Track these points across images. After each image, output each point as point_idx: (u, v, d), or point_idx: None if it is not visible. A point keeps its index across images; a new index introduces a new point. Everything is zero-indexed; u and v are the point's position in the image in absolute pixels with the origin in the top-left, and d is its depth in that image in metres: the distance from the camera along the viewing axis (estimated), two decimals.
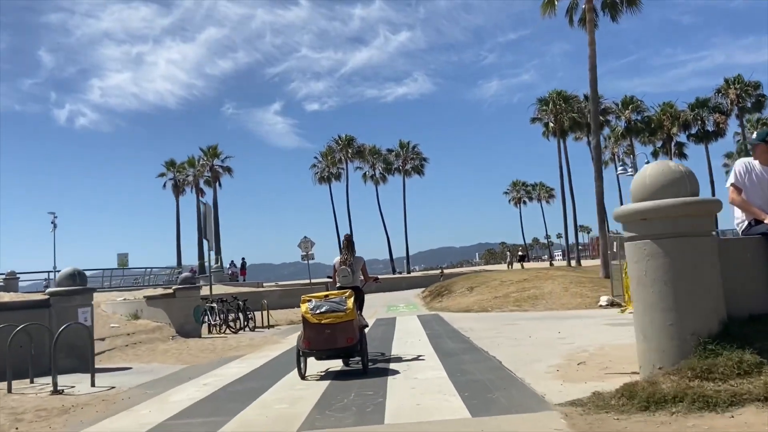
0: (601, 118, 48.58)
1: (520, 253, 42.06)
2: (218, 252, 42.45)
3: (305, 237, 27.46)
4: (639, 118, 49.69)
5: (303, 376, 7.35)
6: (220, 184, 45.61)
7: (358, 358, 7.71)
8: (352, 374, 7.67)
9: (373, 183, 66.89)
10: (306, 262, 27.47)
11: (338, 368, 8.20)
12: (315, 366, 8.07)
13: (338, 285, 8.47)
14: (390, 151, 67.89)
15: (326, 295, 7.48)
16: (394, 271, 63.47)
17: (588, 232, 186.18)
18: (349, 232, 9.54)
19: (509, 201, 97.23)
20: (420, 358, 8.73)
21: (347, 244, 8.72)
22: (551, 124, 44.61)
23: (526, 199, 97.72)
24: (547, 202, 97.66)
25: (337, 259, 8.75)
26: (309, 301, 7.38)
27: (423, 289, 37.23)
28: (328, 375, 7.73)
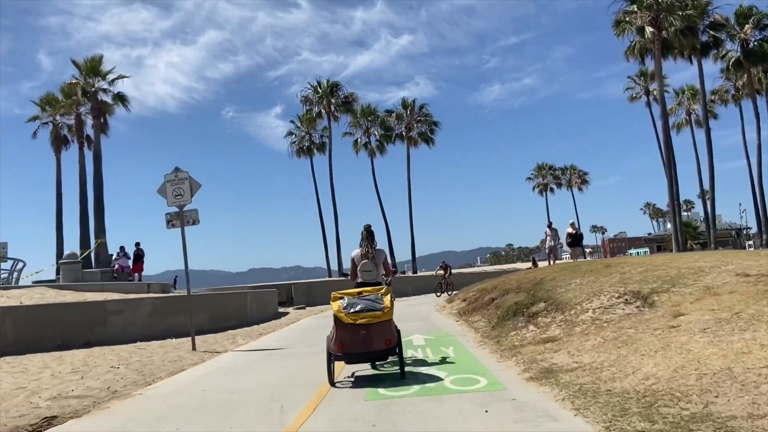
0: (711, 32, 32.25)
1: (570, 230, 22.17)
2: (99, 233, 25.62)
3: (177, 169, 11.00)
4: (761, 37, 33.02)
5: (333, 383, 6.31)
6: (106, 122, 27.60)
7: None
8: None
9: (367, 154, 50.12)
10: (178, 229, 10.97)
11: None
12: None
13: (359, 280, 7.35)
14: (389, 112, 51.20)
15: (359, 292, 6.51)
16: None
17: (603, 233, 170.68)
18: (368, 223, 7.69)
19: (533, 188, 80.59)
20: None
21: (367, 235, 7.51)
22: (648, 30, 27.84)
23: (554, 186, 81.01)
24: (580, 189, 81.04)
25: (356, 252, 7.57)
26: (341, 298, 6.45)
27: (447, 294, 20.78)
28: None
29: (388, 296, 6.48)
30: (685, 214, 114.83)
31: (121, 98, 27.37)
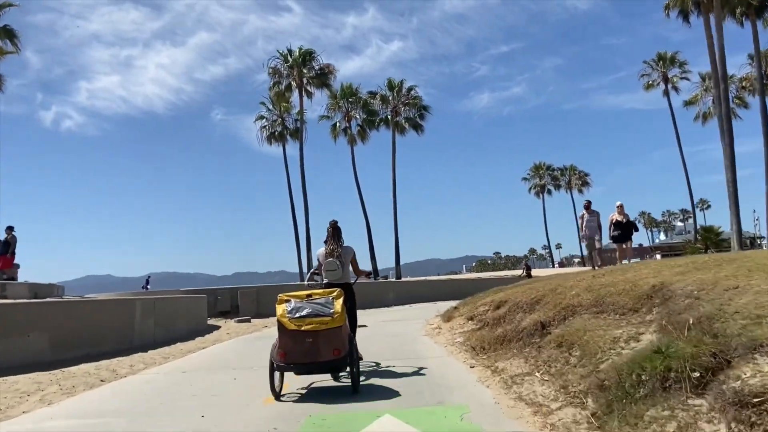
0: None
1: (617, 217, 14.55)
2: None
3: None
4: None
5: (278, 396, 5.61)
6: None
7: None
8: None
9: (347, 141, 43.64)
10: None
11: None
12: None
13: (325, 281, 6.86)
14: (373, 93, 44.75)
15: (309, 295, 5.86)
16: (376, 276, 39.77)
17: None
18: (334, 219, 7.10)
19: (529, 189, 74.73)
20: None
21: (333, 232, 6.98)
22: None
23: (551, 187, 75.05)
24: (580, 191, 74.96)
25: (321, 250, 7.05)
26: (287, 301, 5.79)
27: (448, 306, 13.70)
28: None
29: (341, 300, 5.80)
30: (680, 224, 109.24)
31: (8, 33, 20.67)
